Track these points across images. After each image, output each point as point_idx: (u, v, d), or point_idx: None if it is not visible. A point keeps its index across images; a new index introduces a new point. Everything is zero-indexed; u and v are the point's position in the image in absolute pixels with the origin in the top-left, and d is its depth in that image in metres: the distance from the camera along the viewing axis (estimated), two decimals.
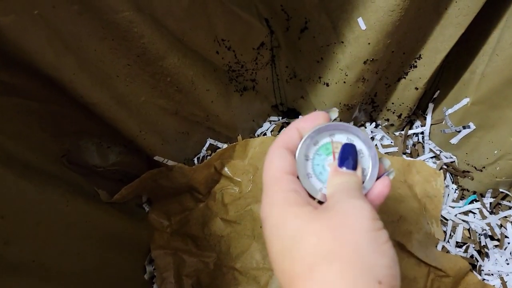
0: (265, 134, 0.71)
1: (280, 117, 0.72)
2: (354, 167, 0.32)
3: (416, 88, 0.63)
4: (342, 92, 0.63)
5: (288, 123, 0.73)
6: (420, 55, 0.59)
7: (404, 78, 0.63)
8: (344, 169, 0.32)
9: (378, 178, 0.34)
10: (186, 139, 0.62)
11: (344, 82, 0.61)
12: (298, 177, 0.32)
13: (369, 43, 0.54)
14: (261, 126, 0.72)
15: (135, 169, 0.59)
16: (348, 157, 0.32)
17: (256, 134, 0.72)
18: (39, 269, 0.42)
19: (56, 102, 0.48)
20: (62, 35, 0.41)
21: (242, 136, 0.68)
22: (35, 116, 0.47)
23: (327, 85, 0.64)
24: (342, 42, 0.57)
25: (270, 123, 0.72)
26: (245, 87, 0.65)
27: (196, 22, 0.51)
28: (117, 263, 0.56)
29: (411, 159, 0.69)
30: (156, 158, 0.57)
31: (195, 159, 0.66)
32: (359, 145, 0.34)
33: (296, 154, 0.32)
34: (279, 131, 0.71)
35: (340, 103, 0.65)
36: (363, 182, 0.33)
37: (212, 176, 0.64)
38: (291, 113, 0.73)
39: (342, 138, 0.34)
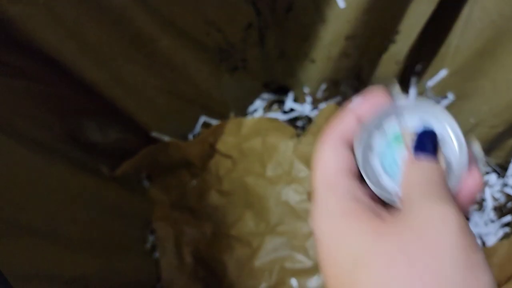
0: (256, 111, 0.75)
1: (271, 95, 0.76)
2: (435, 155, 0.24)
3: (396, 62, 0.66)
4: (327, 68, 0.67)
5: (278, 101, 0.77)
6: (398, 30, 0.62)
7: (385, 53, 0.66)
8: (422, 157, 0.24)
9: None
10: (181, 117, 0.66)
11: (329, 58, 0.65)
12: (361, 177, 0.25)
13: (348, 21, 0.58)
14: (253, 104, 0.75)
15: (134, 146, 0.63)
16: (426, 141, 0.24)
17: (248, 112, 0.76)
18: (51, 234, 0.47)
19: (61, 84, 0.52)
20: (64, 21, 0.45)
21: (235, 114, 0.72)
22: (41, 97, 0.51)
23: (313, 61, 0.68)
24: (324, 21, 0.61)
25: (262, 101, 0.76)
26: (236, 67, 0.68)
27: (186, 6, 0.55)
28: (120, 233, 0.61)
29: None
30: (153, 134, 0.61)
31: (191, 136, 0.70)
32: (438, 127, 0.26)
33: (356, 147, 0.25)
34: (270, 108, 0.75)
35: (326, 79, 0.69)
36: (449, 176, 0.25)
37: (207, 152, 0.68)
38: (282, 91, 0.76)
39: (414, 121, 0.26)
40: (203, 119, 0.70)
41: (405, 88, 0.74)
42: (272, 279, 0.59)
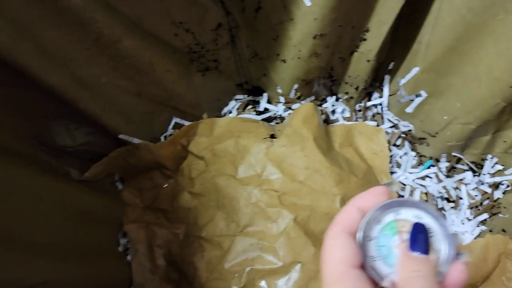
0: (230, 112, 0.75)
1: (246, 95, 0.76)
2: (427, 251, 0.28)
3: (368, 61, 0.66)
4: (298, 68, 0.66)
5: (253, 101, 0.76)
6: (368, 28, 0.62)
7: (356, 51, 0.66)
8: (416, 253, 0.28)
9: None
10: (152, 118, 0.65)
11: (299, 57, 0.65)
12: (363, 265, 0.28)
13: (315, 19, 0.58)
14: (227, 105, 0.75)
15: (104, 149, 0.63)
16: (420, 238, 0.28)
17: (222, 113, 0.75)
18: (7, 239, 0.46)
19: (24, 87, 0.52)
20: (16, 23, 0.44)
21: (208, 115, 0.71)
22: (5, 101, 0.51)
23: (284, 61, 0.67)
24: (292, 19, 0.60)
25: (236, 101, 0.75)
26: (208, 67, 0.68)
27: (151, 6, 0.55)
28: (90, 237, 0.60)
29: (352, 122, 0.72)
30: (121, 136, 0.60)
31: (162, 138, 0.70)
32: (429, 222, 0.30)
33: (357, 236, 0.29)
34: (244, 109, 0.75)
35: (298, 78, 0.69)
36: (438, 266, 0.28)
37: (179, 153, 0.68)
38: (256, 91, 0.76)
39: (408, 215, 0.30)
40: (175, 120, 0.69)
41: (379, 87, 0.74)
42: (242, 281, 0.59)
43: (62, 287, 0.53)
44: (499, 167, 0.68)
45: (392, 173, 0.72)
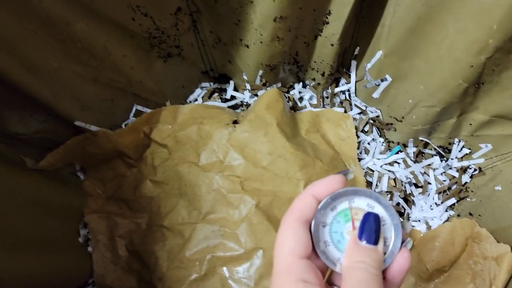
0: (196, 100, 0.74)
1: (212, 83, 0.74)
2: (376, 241, 0.29)
3: (332, 45, 0.65)
4: (261, 53, 0.65)
5: (219, 89, 0.75)
6: (330, 10, 0.61)
7: (320, 35, 0.65)
8: (364, 243, 0.29)
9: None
10: (112, 105, 0.64)
11: (261, 42, 0.63)
12: (313, 249, 0.30)
13: (274, 0, 0.57)
14: (193, 92, 0.74)
15: (62, 137, 0.61)
16: (370, 228, 0.29)
17: (188, 101, 0.74)
18: None
19: None
20: None
21: (172, 103, 0.70)
22: None
23: (248, 46, 0.66)
24: (252, 2, 0.59)
25: (202, 89, 0.74)
26: (170, 54, 0.67)
27: None
28: (48, 228, 0.59)
29: (319, 109, 0.71)
30: (76, 123, 0.59)
31: (124, 126, 0.68)
32: (380, 211, 0.31)
33: (312, 222, 0.31)
34: (210, 97, 0.73)
35: (262, 64, 0.67)
36: (384, 254, 0.30)
37: (142, 141, 0.66)
38: (222, 79, 0.75)
39: (361, 204, 0.32)
40: (136, 108, 0.68)
41: (346, 72, 0.73)
42: (203, 269, 0.57)
43: (18, 279, 0.52)
44: (466, 150, 0.68)
45: (360, 159, 0.71)
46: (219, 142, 0.63)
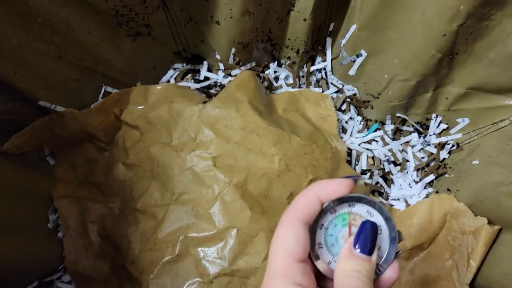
0: (168, 82, 0.72)
1: (184, 64, 0.73)
2: (371, 252, 0.29)
3: (305, 20, 0.63)
4: (233, 29, 0.64)
5: (193, 70, 0.73)
6: None
7: (292, 10, 0.63)
8: (358, 251, 0.29)
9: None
10: (79, 86, 0.62)
11: (231, 17, 0.62)
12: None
13: None
14: (165, 74, 0.72)
15: (27, 119, 0.59)
16: (366, 238, 0.29)
17: (160, 82, 0.72)
18: None
19: None
20: None
21: (144, 84, 0.68)
22: None
23: (218, 23, 0.64)
24: None
25: (174, 70, 0.72)
26: (139, 32, 0.65)
27: None
28: (14, 213, 0.56)
29: (297, 89, 0.70)
30: (40, 103, 0.57)
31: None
32: (379, 221, 0.31)
33: (311, 224, 0.30)
34: (183, 78, 0.72)
35: (234, 41, 0.66)
36: (377, 264, 0.30)
37: (112, 123, 0.64)
38: (195, 59, 0.73)
39: (361, 210, 0.31)
40: (105, 88, 0.66)
41: (322, 50, 0.71)
42: (176, 250, 0.56)
43: None
44: (444, 126, 0.67)
45: None
46: (190, 119, 0.61)
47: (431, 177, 0.68)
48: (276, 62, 0.73)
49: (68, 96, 0.61)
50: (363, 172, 0.68)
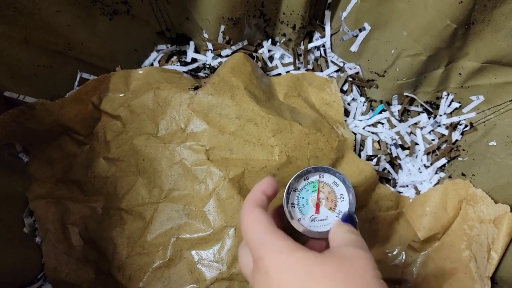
0: (152, 65, 0.65)
1: (169, 45, 0.66)
2: (355, 225, 0.36)
3: None
4: (221, 3, 0.57)
5: (178, 51, 0.66)
6: None
7: None
8: (347, 224, 0.35)
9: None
10: (51, 73, 0.55)
11: None
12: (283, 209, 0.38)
13: None
14: (148, 57, 0.65)
15: None
16: (352, 219, 0.36)
17: (143, 66, 0.65)
18: None
19: None
20: None
21: (125, 69, 0.61)
22: None
23: None
24: None
25: (158, 53, 0.65)
26: (116, 10, 0.57)
27: None
28: None
29: (300, 72, 0.64)
30: (6, 94, 0.50)
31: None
32: (342, 190, 0.39)
33: (287, 185, 0.38)
34: (167, 61, 0.65)
35: (223, 17, 0.59)
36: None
37: (90, 114, 0.57)
38: (181, 39, 0.66)
39: (329, 180, 0.40)
40: (81, 75, 0.59)
41: (320, 25, 0.65)
42: (168, 254, 0.50)
43: None
44: (456, 105, 0.61)
45: None
46: (179, 108, 0.54)
47: (443, 161, 0.62)
48: (270, 40, 0.66)
49: (38, 85, 0.54)
50: (369, 158, 0.63)
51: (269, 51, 0.66)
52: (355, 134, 0.63)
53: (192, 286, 0.49)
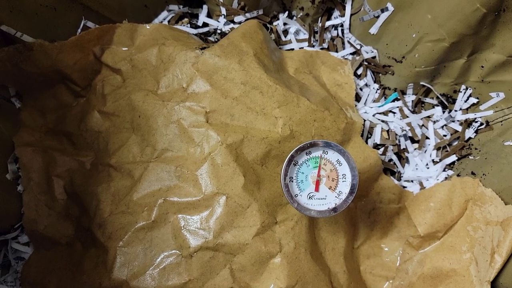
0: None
1: (181, 6, 0.63)
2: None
3: None
4: None
5: (190, 14, 0.63)
6: None
7: None
8: None
9: None
10: (54, 15, 0.52)
11: None
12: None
13: None
14: (158, 16, 0.62)
15: None
16: None
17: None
18: None
19: None
20: None
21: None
22: None
23: None
24: None
25: (169, 12, 0.62)
26: None
27: None
28: None
29: (314, 49, 0.61)
30: (3, 27, 0.47)
31: None
32: (345, 169, 0.39)
33: (287, 158, 0.37)
34: (177, 21, 0.62)
35: None
36: (335, 205, 0.39)
37: (91, 65, 0.55)
38: (194, 1, 0.63)
39: (332, 158, 0.39)
40: (85, 23, 0.56)
41: (341, 3, 0.62)
42: (152, 215, 0.47)
43: None
44: (473, 100, 0.58)
45: None
46: (183, 66, 0.52)
47: (453, 158, 0.59)
48: (287, 12, 0.63)
49: (39, 25, 0.51)
50: (375, 146, 0.60)
51: (284, 24, 0.63)
52: (364, 120, 0.60)
53: (174, 251, 0.46)
